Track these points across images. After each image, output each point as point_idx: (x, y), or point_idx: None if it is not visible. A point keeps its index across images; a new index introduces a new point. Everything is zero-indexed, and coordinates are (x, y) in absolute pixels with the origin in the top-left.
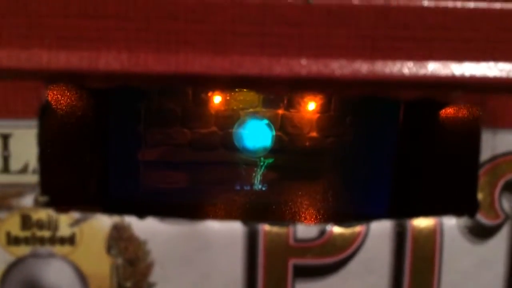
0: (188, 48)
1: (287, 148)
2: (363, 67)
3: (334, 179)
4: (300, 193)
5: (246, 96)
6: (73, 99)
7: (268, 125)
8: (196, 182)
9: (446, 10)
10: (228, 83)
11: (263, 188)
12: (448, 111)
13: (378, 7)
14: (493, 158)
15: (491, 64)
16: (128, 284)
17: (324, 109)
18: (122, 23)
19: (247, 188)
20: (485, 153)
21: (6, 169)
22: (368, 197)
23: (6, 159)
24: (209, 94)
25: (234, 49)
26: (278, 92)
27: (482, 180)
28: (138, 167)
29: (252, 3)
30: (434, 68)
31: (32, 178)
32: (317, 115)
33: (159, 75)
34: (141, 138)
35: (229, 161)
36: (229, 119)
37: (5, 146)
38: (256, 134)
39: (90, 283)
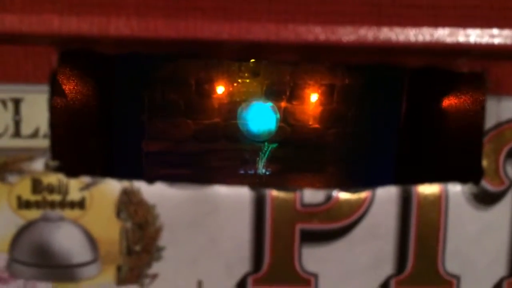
0: (197, 14)
1: (290, 140)
2: (369, 34)
3: (337, 171)
4: (303, 184)
5: (248, 87)
6: (78, 85)
7: (273, 108)
8: (199, 172)
9: None
10: (236, 49)
11: (267, 173)
12: (450, 99)
13: None
14: (498, 125)
15: (496, 31)
16: (137, 247)
17: (326, 101)
18: None
19: (251, 172)
20: (490, 121)
21: (17, 134)
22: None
23: (17, 124)
24: (212, 85)
25: (242, 15)
26: (285, 58)
27: (487, 147)
28: (142, 157)
29: None
30: (440, 35)
31: (43, 143)
32: (320, 107)
33: (168, 40)
34: (145, 129)
35: (232, 151)
36: (232, 110)
37: (17, 110)
38: (260, 118)
39: (100, 247)
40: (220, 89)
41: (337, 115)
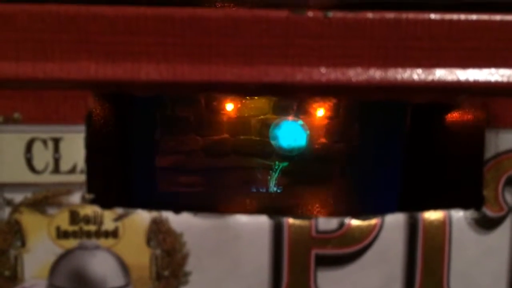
0: (219, 60)
1: (293, 155)
2: (376, 74)
3: (344, 184)
4: (310, 198)
5: (257, 103)
6: (97, 108)
7: (303, 126)
8: (210, 187)
9: (451, 22)
10: (255, 90)
11: (278, 191)
12: (453, 116)
13: (390, 20)
14: (496, 156)
15: (493, 70)
16: (166, 273)
17: (332, 116)
18: (161, 39)
19: (262, 190)
20: (489, 151)
21: (56, 170)
22: (377, 200)
23: (57, 161)
24: (222, 102)
25: (260, 60)
26: (300, 97)
27: (487, 176)
28: (155, 173)
29: (276, 18)
30: (441, 74)
31: (80, 178)
32: (326, 121)
33: (194, 84)
34: (158, 146)
35: (241, 166)
36: (241, 126)
37: (56, 148)
38: (291, 135)
39: (132, 272)
40: (229, 106)
41: (343, 129)
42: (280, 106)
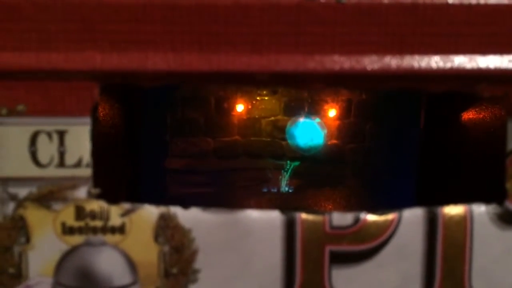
0: (228, 48)
1: (309, 155)
2: (392, 62)
3: (356, 185)
4: (322, 199)
5: (267, 104)
6: (106, 108)
7: (320, 124)
8: (220, 188)
9: (470, 6)
10: (266, 80)
11: (290, 191)
12: (470, 113)
13: (406, 5)
14: None
15: None
16: (174, 270)
17: (344, 116)
18: (168, 27)
19: (274, 190)
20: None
21: (62, 164)
22: (391, 201)
23: (62, 154)
24: (232, 103)
25: (271, 48)
26: (313, 87)
27: (510, 168)
28: (165, 175)
29: (287, 4)
30: (460, 61)
31: (86, 172)
32: (338, 122)
33: (202, 73)
34: (168, 147)
35: (252, 168)
36: (251, 128)
37: (61, 142)
38: (308, 133)
39: (139, 270)
40: (239, 107)
41: (355, 130)
42: (291, 107)
